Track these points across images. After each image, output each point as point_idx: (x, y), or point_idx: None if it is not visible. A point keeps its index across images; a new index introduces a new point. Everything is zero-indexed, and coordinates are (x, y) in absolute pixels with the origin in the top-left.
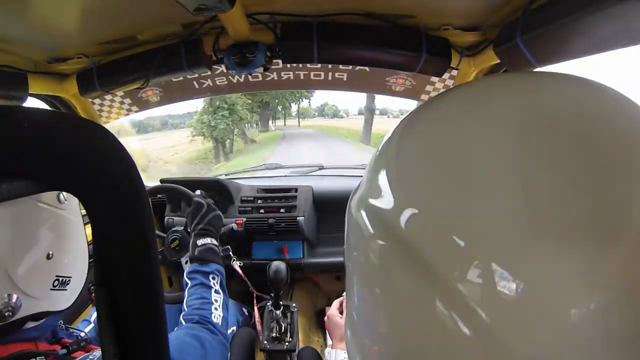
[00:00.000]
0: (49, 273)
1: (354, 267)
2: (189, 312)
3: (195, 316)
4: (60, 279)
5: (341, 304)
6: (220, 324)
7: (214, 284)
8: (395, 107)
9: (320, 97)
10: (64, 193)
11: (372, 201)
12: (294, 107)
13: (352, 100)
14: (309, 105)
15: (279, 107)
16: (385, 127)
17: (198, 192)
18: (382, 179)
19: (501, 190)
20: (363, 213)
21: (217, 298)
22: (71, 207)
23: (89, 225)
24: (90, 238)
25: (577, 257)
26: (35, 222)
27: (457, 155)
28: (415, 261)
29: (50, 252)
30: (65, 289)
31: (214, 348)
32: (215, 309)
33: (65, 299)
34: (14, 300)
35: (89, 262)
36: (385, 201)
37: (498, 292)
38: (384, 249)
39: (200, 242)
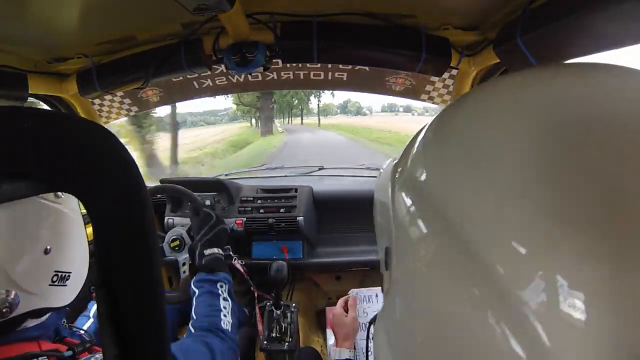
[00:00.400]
0: (47, 268)
1: (399, 263)
2: (198, 320)
3: (205, 323)
4: (60, 274)
5: (346, 303)
6: (229, 330)
7: (222, 291)
8: (419, 103)
9: (342, 93)
10: None
11: (426, 192)
12: (313, 103)
13: (375, 97)
14: (332, 97)
15: (295, 101)
16: (411, 125)
17: (207, 202)
18: (439, 172)
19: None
20: (415, 205)
21: (226, 305)
22: (69, 202)
23: (90, 224)
24: (91, 237)
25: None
26: (31, 217)
27: (514, 161)
28: (472, 265)
29: (48, 247)
30: (65, 285)
31: (223, 354)
32: (225, 315)
33: (65, 295)
34: (11, 296)
35: (90, 262)
36: (444, 197)
37: (563, 312)
38: (438, 248)
39: (207, 251)
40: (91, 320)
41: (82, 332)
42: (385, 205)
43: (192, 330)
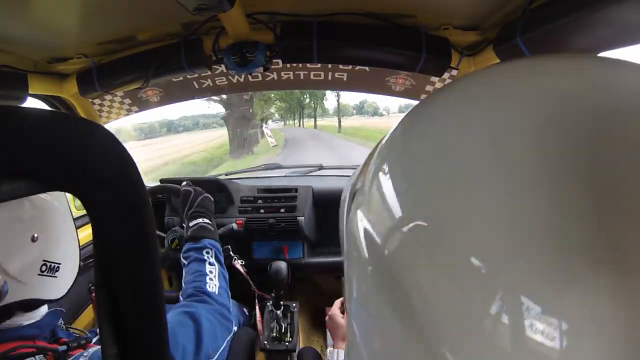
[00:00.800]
0: (35, 256)
1: (347, 280)
2: (184, 289)
3: (190, 289)
4: (48, 264)
5: (342, 304)
6: (216, 292)
7: (207, 257)
8: None
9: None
10: None
11: (369, 213)
12: (327, 103)
13: (391, 97)
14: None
15: (306, 99)
16: None
17: (184, 183)
18: (385, 189)
19: (528, 204)
20: (360, 227)
21: (212, 269)
22: (57, 195)
23: (89, 225)
24: (90, 238)
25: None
26: (17, 204)
27: (467, 162)
28: (403, 303)
29: (35, 235)
30: (55, 276)
31: (208, 320)
32: (210, 279)
33: (56, 288)
34: (0, 284)
35: (89, 262)
36: (385, 216)
37: (527, 336)
38: (372, 277)
39: (192, 223)
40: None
41: (79, 334)
42: (342, 223)
43: (181, 299)
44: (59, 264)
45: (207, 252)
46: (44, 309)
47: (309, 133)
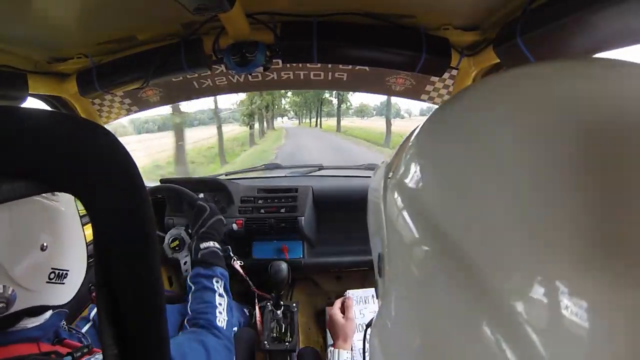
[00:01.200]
0: (44, 265)
1: (391, 270)
2: (193, 317)
3: (200, 320)
4: (57, 271)
5: (342, 304)
6: (224, 327)
7: (217, 287)
8: None
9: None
10: None
11: (419, 195)
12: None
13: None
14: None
15: (327, 95)
16: None
17: (201, 195)
18: (433, 174)
19: (563, 197)
20: (406, 210)
21: (221, 302)
22: (65, 199)
23: (89, 225)
24: (90, 238)
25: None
26: (28, 213)
27: (512, 160)
28: (465, 273)
29: (45, 244)
30: (63, 283)
31: (218, 352)
32: (220, 312)
33: (63, 294)
34: (8, 292)
35: (89, 262)
36: (437, 201)
37: (561, 319)
38: (430, 256)
39: (203, 245)
40: (90, 323)
41: (82, 334)
42: (377, 209)
43: (188, 327)
44: (68, 270)
45: (217, 282)
46: (48, 312)
47: (327, 143)
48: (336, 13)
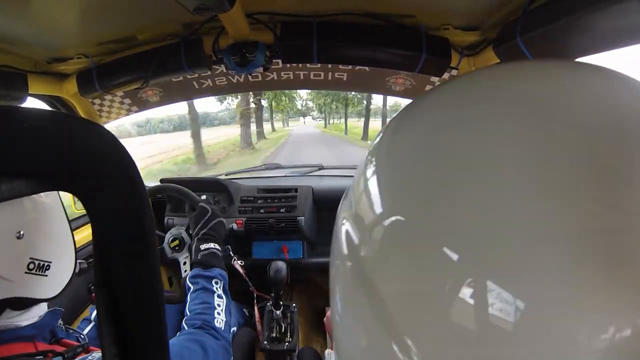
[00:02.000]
0: (21, 253)
1: (331, 279)
2: (191, 317)
3: (198, 321)
4: (37, 262)
5: None
6: (222, 328)
7: (216, 288)
8: None
9: None
10: None
11: (354, 215)
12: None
13: None
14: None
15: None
16: None
17: (204, 196)
18: (370, 186)
19: (499, 197)
20: (344, 226)
21: (220, 302)
22: (49, 192)
23: (88, 225)
24: (88, 240)
25: (585, 277)
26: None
27: (449, 158)
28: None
29: (21, 232)
30: (45, 275)
31: (216, 353)
32: (218, 313)
33: (47, 287)
34: None
35: (89, 262)
36: (366, 215)
37: (492, 316)
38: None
39: (203, 246)
40: (92, 324)
41: (80, 333)
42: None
43: (186, 327)
44: (49, 262)
45: (217, 283)
46: (42, 310)
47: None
48: (336, 13)
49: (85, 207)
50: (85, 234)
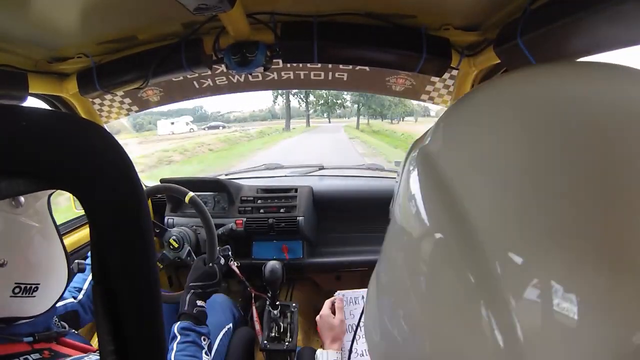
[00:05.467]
0: (5, 280)
1: (395, 238)
2: None
3: None
4: (22, 286)
5: (333, 304)
6: None
7: (204, 344)
8: None
9: None
10: (21, 197)
11: (441, 167)
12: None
13: None
14: None
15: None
16: None
17: (192, 194)
18: (458, 150)
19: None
20: (422, 173)
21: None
22: (30, 212)
23: (88, 225)
24: (88, 239)
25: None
26: None
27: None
28: (472, 252)
29: (4, 260)
30: (34, 296)
31: None
32: None
33: (34, 306)
34: None
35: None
36: (460, 177)
37: (549, 317)
38: (442, 222)
39: (199, 303)
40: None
41: (71, 330)
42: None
43: None
44: (37, 284)
45: (205, 340)
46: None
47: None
48: (336, 13)
49: (83, 205)
50: (86, 233)
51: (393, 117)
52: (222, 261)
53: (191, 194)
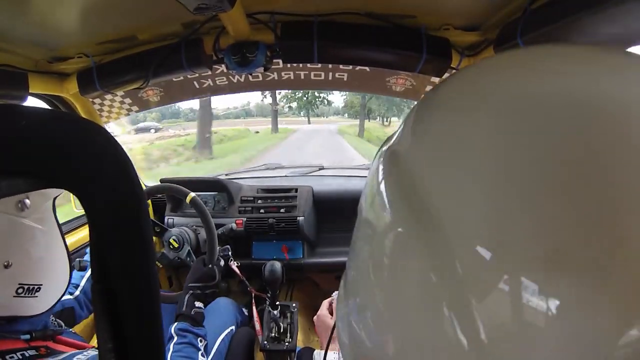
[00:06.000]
0: (9, 281)
1: (362, 237)
2: None
3: None
4: (25, 286)
5: (330, 304)
6: None
7: (201, 346)
8: None
9: None
10: (27, 199)
11: (407, 159)
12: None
13: None
14: None
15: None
16: None
17: (193, 194)
18: (422, 141)
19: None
20: (388, 169)
21: None
22: (36, 214)
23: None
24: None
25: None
26: None
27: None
28: (435, 252)
29: (9, 261)
30: (36, 296)
31: None
32: None
33: (36, 306)
34: None
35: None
36: (425, 167)
37: (506, 313)
38: (405, 218)
39: (197, 304)
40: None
41: (68, 329)
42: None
43: None
44: (40, 284)
45: (201, 342)
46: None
47: None
48: (336, 13)
49: (82, 204)
50: (86, 233)
51: (386, 116)
52: (222, 262)
53: (192, 194)
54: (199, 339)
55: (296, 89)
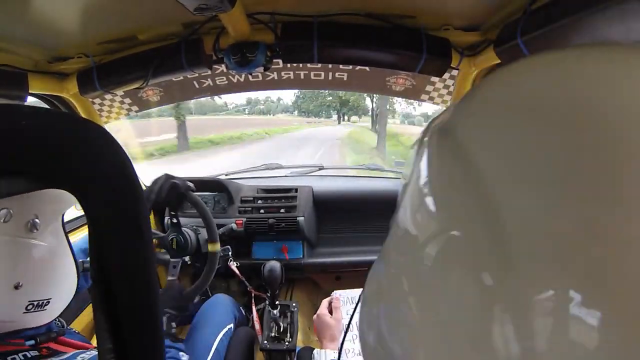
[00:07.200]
0: (19, 300)
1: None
2: None
3: None
4: (35, 302)
5: (330, 304)
6: None
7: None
8: None
9: None
10: (37, 219)
11: (463, 135)
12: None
13: None
14: None
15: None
16: None
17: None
18: (478, 123)
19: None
20: (442, 144)
21: None
22: (46, 234)
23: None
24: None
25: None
26: (2, 255)
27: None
28: (496, 253)
29: (19, 282)
30: (45, 309)
31: None
32: None
33: (44, 316)
34: None
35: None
36: (481, 145)
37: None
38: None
39: (173, 324)
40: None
41: (73, 329)
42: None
43: None
44: (49, 299)
45: (183, 356)
46: None
47: None
48: (336, 13)
49: (81, 204)
50: (86, 233)
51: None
52: (197, 300)
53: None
54: (180, 352)
55: (296, 88)
